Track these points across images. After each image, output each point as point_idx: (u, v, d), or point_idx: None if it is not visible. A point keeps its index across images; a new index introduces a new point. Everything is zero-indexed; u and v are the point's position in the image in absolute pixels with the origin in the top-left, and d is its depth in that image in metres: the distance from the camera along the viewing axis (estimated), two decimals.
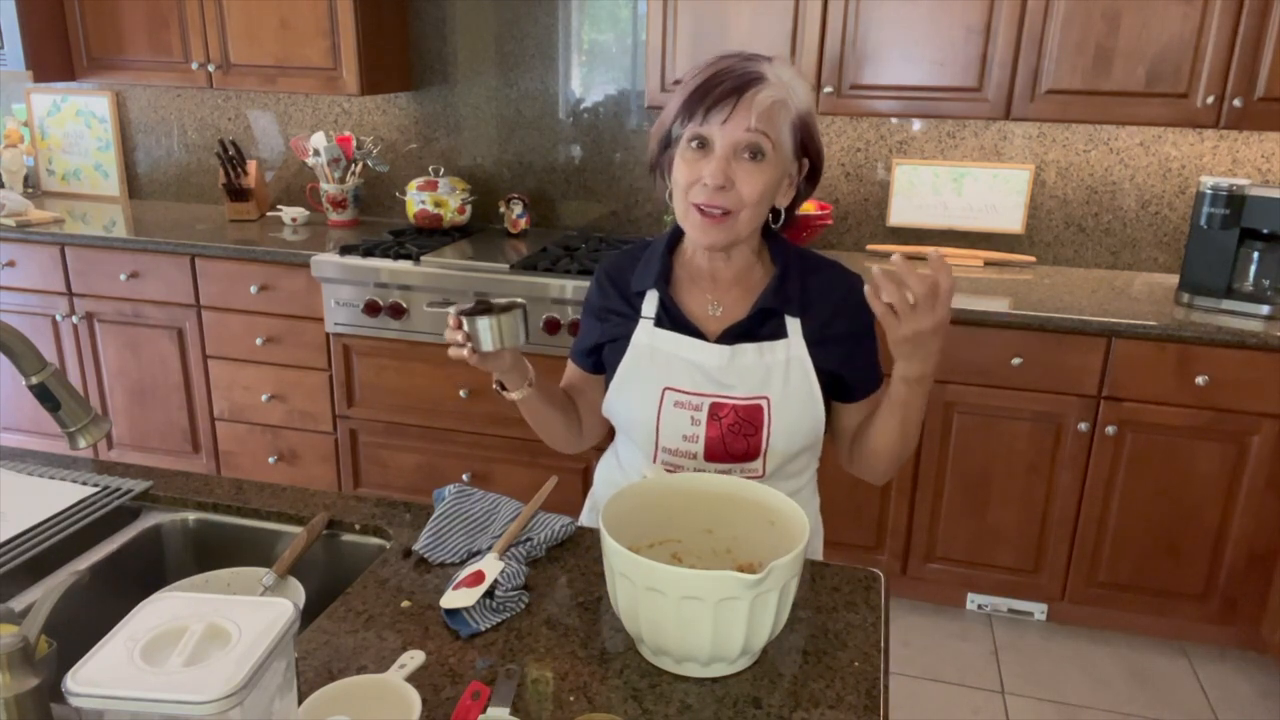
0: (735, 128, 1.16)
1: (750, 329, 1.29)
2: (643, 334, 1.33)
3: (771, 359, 1.28)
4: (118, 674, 0.72)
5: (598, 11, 3.10)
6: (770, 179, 1.20)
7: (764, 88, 1.16)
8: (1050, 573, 2.65)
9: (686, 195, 1.22)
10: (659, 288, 1.32)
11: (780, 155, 1.20)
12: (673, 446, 1.32)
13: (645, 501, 1.16)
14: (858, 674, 1.05)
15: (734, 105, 1.16)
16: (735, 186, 1.18)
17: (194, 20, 3.07)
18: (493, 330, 1.22)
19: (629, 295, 1.35)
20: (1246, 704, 2.46)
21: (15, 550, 1.24)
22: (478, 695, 0.98)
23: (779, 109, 1.18)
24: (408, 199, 3.16)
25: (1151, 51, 2.44)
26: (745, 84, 1.16)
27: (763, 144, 1.17)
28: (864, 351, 1.32)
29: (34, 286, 3.19)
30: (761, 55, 1.21)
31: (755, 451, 1.29)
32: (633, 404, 1.33)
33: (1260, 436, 2.39)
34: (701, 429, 1.29)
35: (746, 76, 1.17)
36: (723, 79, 1.17)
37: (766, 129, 1.17)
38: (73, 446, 1.08)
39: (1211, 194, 2.49)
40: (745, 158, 1.18)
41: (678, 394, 1.29)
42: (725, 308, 1.31)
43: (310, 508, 1.39)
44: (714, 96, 1.16)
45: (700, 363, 1.29)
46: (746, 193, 1.19)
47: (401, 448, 2.98)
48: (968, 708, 2.43)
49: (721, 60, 1.20)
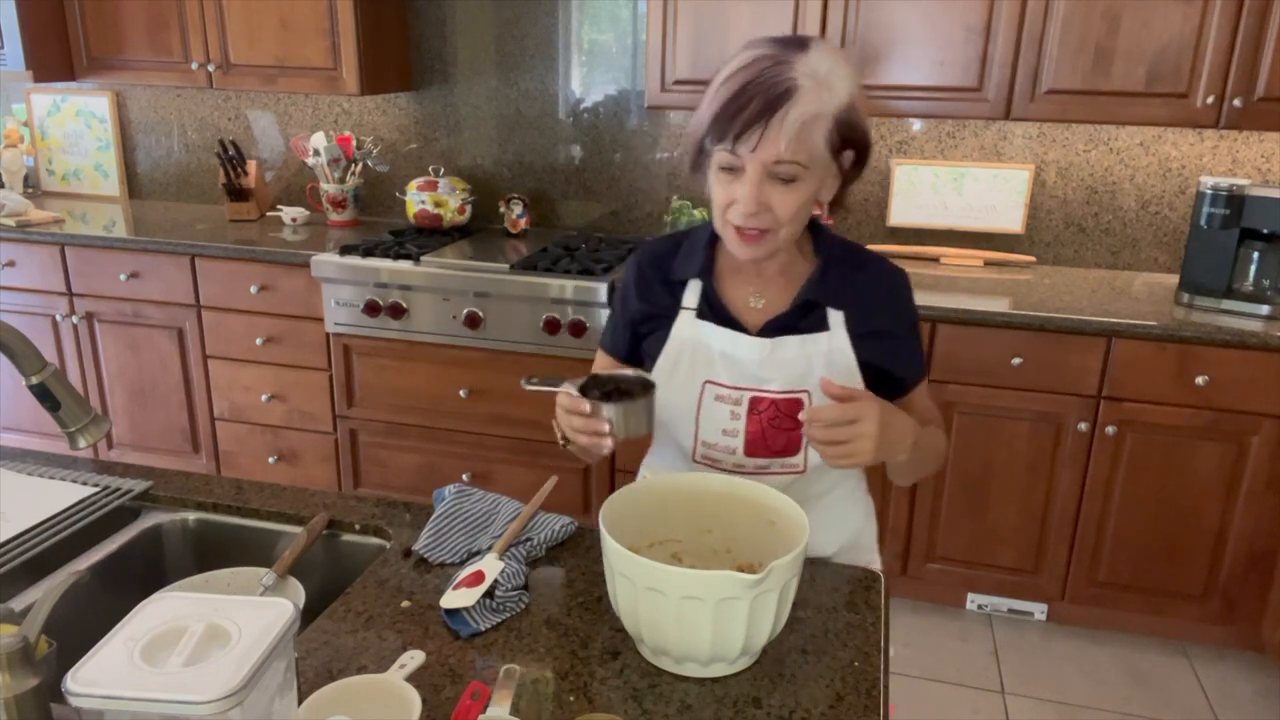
0: (765, 154, 1.12)
1: (792, 321, 1.27)
2: (684, 326, 1.31)
3: (813, 350, 1.27)
4: (118, 674, 0.72)
5: (598, 11, 3.10)
6: (805, 196, 1.17)
7: (794, 104, 1.10)
8: (1050, 573, 2.65)
9: (723, 214, 1.19)
10: (702, 278, 1.30)
11: (816, 169, 1.16)
12: (712, 441, 1.30)
13: (645, 501, 1.16)
14: (858, 674, 1.05)
15: (762, 131, 1.10)
16: (770, 208, 1.16)
17: (194, 20, 3.07)
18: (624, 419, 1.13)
19: (670, 284, 1.34)
20: (1246, 704, 2.46)
21: (15, 550, 1.24)
22: (478, 695, 0.98)
23: (811, 125, 1.12)
24: (408, 199, 3.16)
25: (1151, 51, 2.44)
26: (774, 102, 1.09)
27: (794, 170, 1.13)
28: (909, 345, 1.32)
29: (34, 286, 3.19)
30: (795, 44, 1.14)
31: (795, 446, 1.28)
32: (673, 397, 1.31)
33: (1260, 436, 2.39)
34: (741, 423, 1.28)
35: (775, 90, 1.10)
36: (751, 94, 1.10)
37: (796, 155, 1.12)
38: (73, 446, 1.08)
39: (1211, 194, 2.49)
40: (778, 181, 1.14)
41: (718, 387, 1.28)
42: (767, 300, 1.30)
43: (310, 508, 1.39)
44: (741, 121, 1.10)
45: (740, 356, 1.27)
46: (781, 213, 1.16)
47: (401, 448, 2.98)
48: (968, 708, 2.43)
49: (751, 63, 1.13)
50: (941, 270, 2.86)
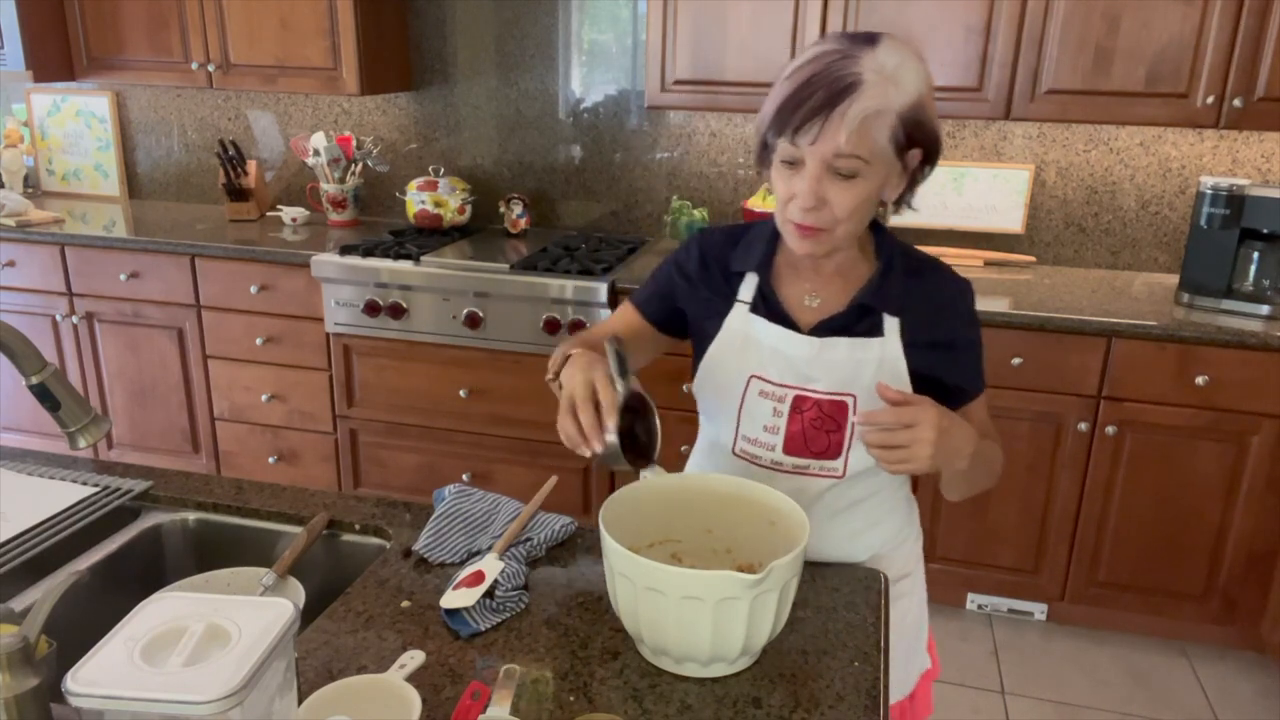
0: (824, 148, 1.10)
1: (846, 324, 1.25)
2: (736, 319, 1.30)
3: (863, 356, 1.24)
4: (118, 674, 0.72)
5: (598, 11, 3.10)
6: (866, 192, 1.14)
7: (857, 98, 1.07)
8: (1050, 573, 2.65)
9: (783, 209, 1.18)
10: (759, 272, 1.29)
11: (878, 165, 1.13)
12: (753, 436, 1.29)
13: (645, 501, 1.16)
14: (858, 674, 1.05)
15: (822, 124, 1.08)
16: (828, 205, 1.14)
17: (194, 20, 3.07)
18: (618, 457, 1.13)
19: (728, 274, 1.31)
20: (1246, 704, 2.46)
21: (15, 550, 1.24)
22: (478, 695, 0.98)
23: (873, 121, 1.09)
24: (408, 199, 3.16)
25: (1151, 51, 2.44)
26: (836, 96, 1.07)
27: (854, 165, 1.11)
28: (967, 357, 1.28)
29: (34, 286, 3.19)
30: (865, 40, 1.11)
31: (836, 450, 1.26)
32: (718, 389, 1.31)
33: (1260, 436, 2.39)
34: (783, 421, 1.26)
35: (839, 84, 1.07)
36: (814, 88, 1.08)
37: (857, 149, 1.09)
38: (73, 446, 1.08)
39: (1211, 194, 2.49)
40: (838, 176, 1.12)
41: (763, 383, 1.27)
42: (823, 299, 1.27)
43: (310, 508, 1.39)
44: (802, 115, 1.09)
45: (788, 353, 1.26)
46: (840, 210, 1.14)
47: (401, 448, 2.98)
48: (968, 708, 2.43)
49: (817, 58, 1.11)
50: None
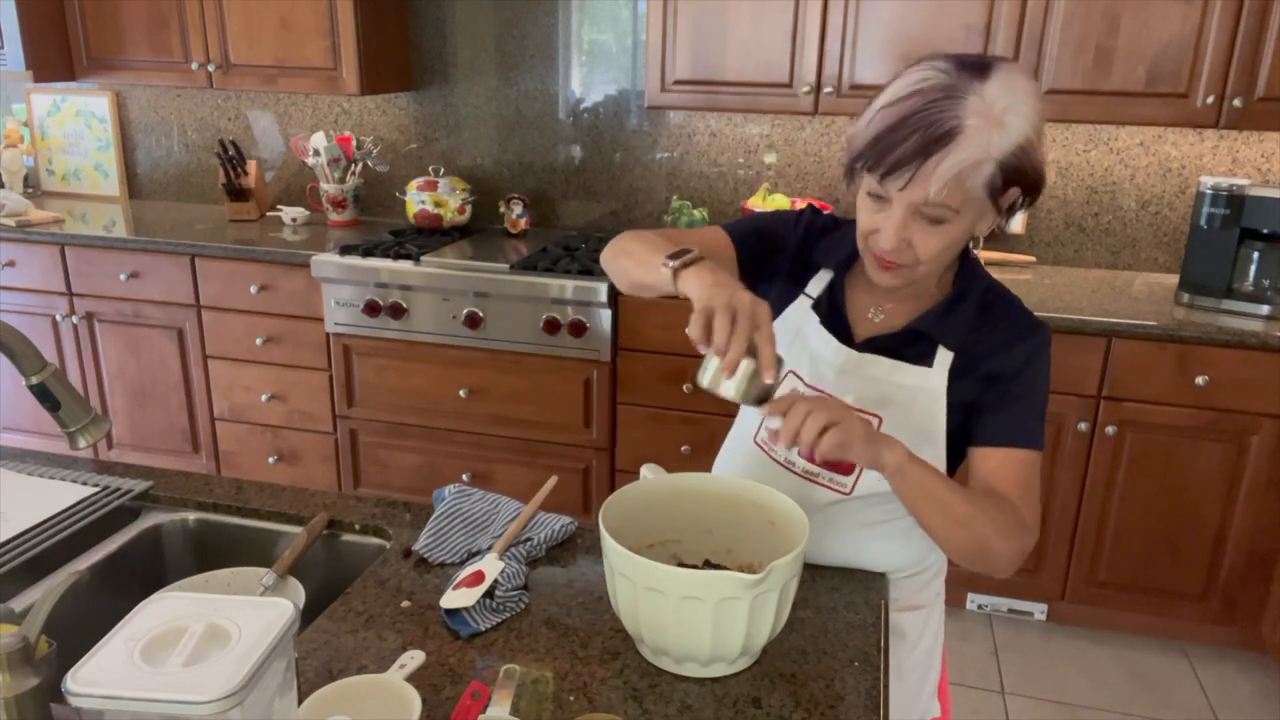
0: (914, 194, 1.06)
1: (896, 345, 1.22)
2: (796, 311, 1.28)
3: (902, 381, 1.20)
4: (118, 674, 0.72)
5: (598, 11, 3.10)
6: (952, 237, 1.10)
7: (954, 149, 1.01)
8: (1050, 573, 2.65)
9: (865, 240, 1.15)
10: (837, 272, 1.27)
11: (968, 212, 1.09)
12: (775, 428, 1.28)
13: (645, 501, 1.16)
14: (858, 674, 1.05)
15: (914, 173, 1.04)
16: (911, 247, 1.10)
17: (194, 20, 3.07)
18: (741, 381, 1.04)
19: (810, 260, 1.29)
20: (1246, 704, 2.46)
21: (15, 550, 1.24)
22: (478, 695, 0.98)
23: (969, 172, 1.03)
24: (408, 199, 3.16)
25: (1151, 51, 2.44)
26: (932, 145, 1.02)
27: (943, 213, 1.07)
28: (1013, 395, 1.18)
29: (34, 286, 3.19)
30: (975, 70, 1.05)
31: (850, 467, 1.23)
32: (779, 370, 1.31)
33: (1260, 436, 2.39)
34: None
35: (937, 130, 1.02)
36: (910, 130, 1.03)
37: (947, 199, 1.05)
38: (73, 446, 1.08)
39: (1211, 194, 2.49)
40: (924, 220, 1.08)
41: (796, 379, 1.26)
42: (886, 315, 1.25)
43: (310, 508, 1.39)
44: (893, 160, 1.04)
45: (825, 359, 1.24)
46: (924, 254, 1.10)
47: (401, 448, 2.98)
48: (968, 708, 2.43)
49: (919, 91, 1.05)
50: None
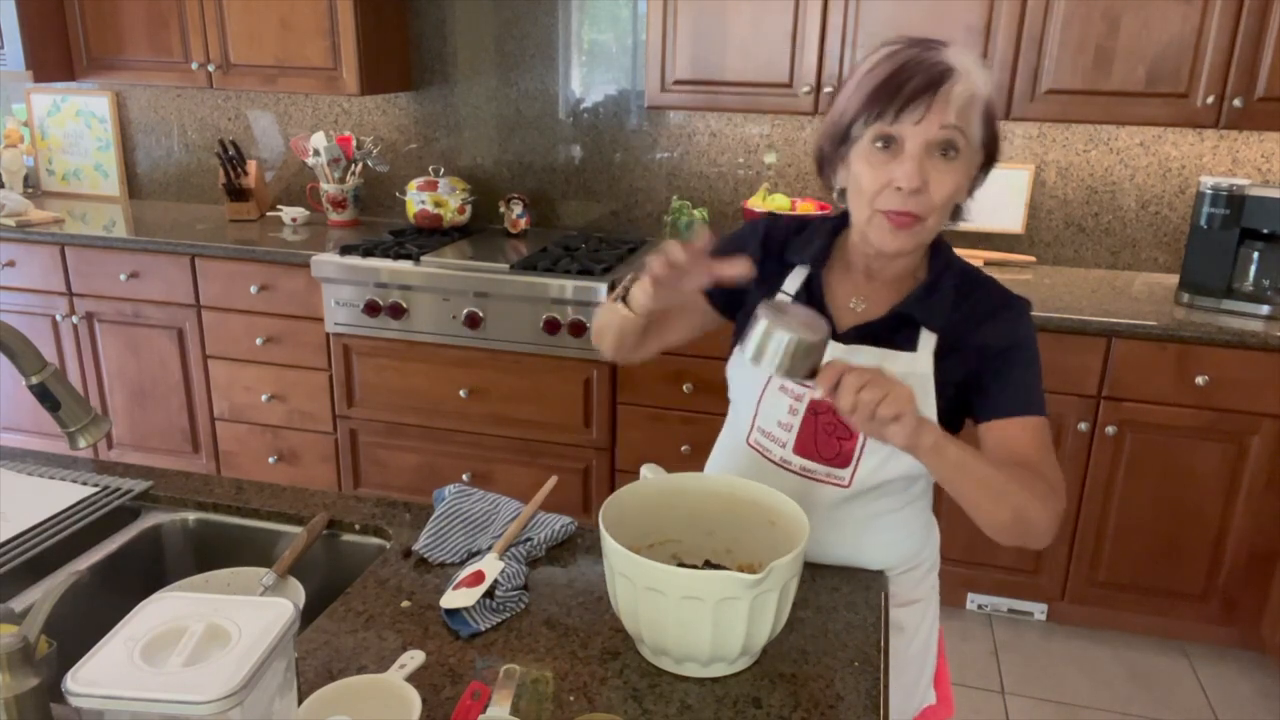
0: (930, 126, 1.10)
1: (881, 332, 1.22)
2: None
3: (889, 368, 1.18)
4: (118, 674, 0.72)
5: (598, 11, 3.10)
6: (962, 177, 1.14)
7: (957, 81, 1.09)
8: (1050, 573, 2.65)
9: (873, 201, 1.14)
10: (813, 267, 1.27)
11: (971, 150, 1.14)
12: (768, 429, 1.29)
13: (645, 501, 1.16)
14: (858, 674, 1.05)
15: (929, 103, 1.09)
16: (928, 189, 1.12)
17: (194, 20, 3.07)
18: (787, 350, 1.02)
19: (782, 263, 1.30)
20: (1246, 704, 2.46)
21: (15, 550, 1.24)
22: (478, 695, 0.98)
23: (972, 105, 1.11)
24: (408, 199, 3.16)
25: (1151, 51, 2.44)
26: (938, 79, 1.09)
27: (958, 139, 1.11)
28: (1008, 364, 1.21)
29: (34, 286, 3.19)
30: (936, 41, 1.14)
31: (846, 459, 1.24)
32: (743, 377, 1.32)
33: (1260, 436, 2.39)
34: (798, 419, 1.26)
35: (936, 69, 1.10)
36: (911, 73, 1.10)
37: (962, 124, 1.11)
38: (73, 446, 1.08)
39: (1211, 194, 2.49)
40: (938, 155, 1.11)
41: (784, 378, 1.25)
42: (868, 305, 1.26)
43: (310, 508, 1.39)
44: (906, 95, 1.09)
45: None
46: (939, 195, 1.12)
47: (401, 448, 2.98)
48: (968, 708, 2.43)
49: (899, 51, 1.13)
50: None
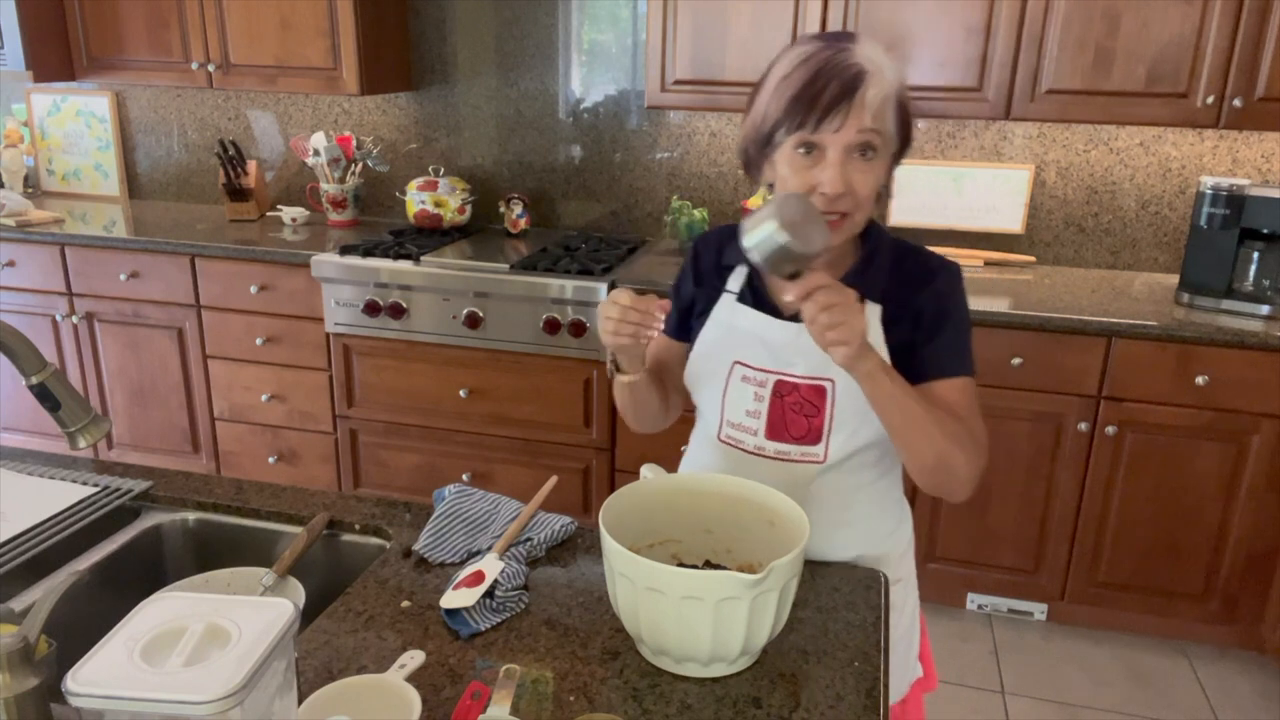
0: (848, 132, 1.14)
1: None
2: (724, 309, 1.34)
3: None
4: (118, 674, 0.72)
5: (598, 11, 3.10)
6: (882, 172, 1.20)
7: (870, 83, 1.12)
8: (1050, 573, 2.65)
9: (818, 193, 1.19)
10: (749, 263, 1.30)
11: (887, 144, 1.18)
12: (736, 421, 1.32)
13: (645, 501, 1.16)
14: (858, 674, 1.05)
15: (847, 110, 1.12)
16: (852, 189, 1.17)
17: (194, 20, 3.07)
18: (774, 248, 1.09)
19: (722, 268, 1.36)
20: (1246, 704, 2.46)
21: (15, 550, 1.24)
22: (478, 695, 0.98)
23: (888, 101, 1.15)
24: (408, 199, 3.16)
25: (1151, 51, 2.44)
26: (851, 83, 1.12)
27: (875, 141, 1.15)
28: (942, 327, 1.28)
29: (34, 286, 3.19)
30: (844, 38, 1.16)
31: (816, 435, 1.28)
32: (704, 375, 1.34)
33: (1260, 436, 2.39)
34: (764, 405, 1.29)
35: (849, 73, 1.12)
36: (826, 79, 1.13)
37: (878, 125, 1.15)
38: (73, 446, 1.08)
39: (1211, 194, 2.49)
40: (858, 157, 1.16)
41: (745, 368, 1.30)
42: None
43: (310, 508, 1.39)
44: (824, 104, 1.12)
45: (768, 339, 1.29)
46: (863, 193, 1.18)
47: (401, 448, 2.98)
48: (968, 708, 2.43)
49: (813, 55, 1.15)
50: None
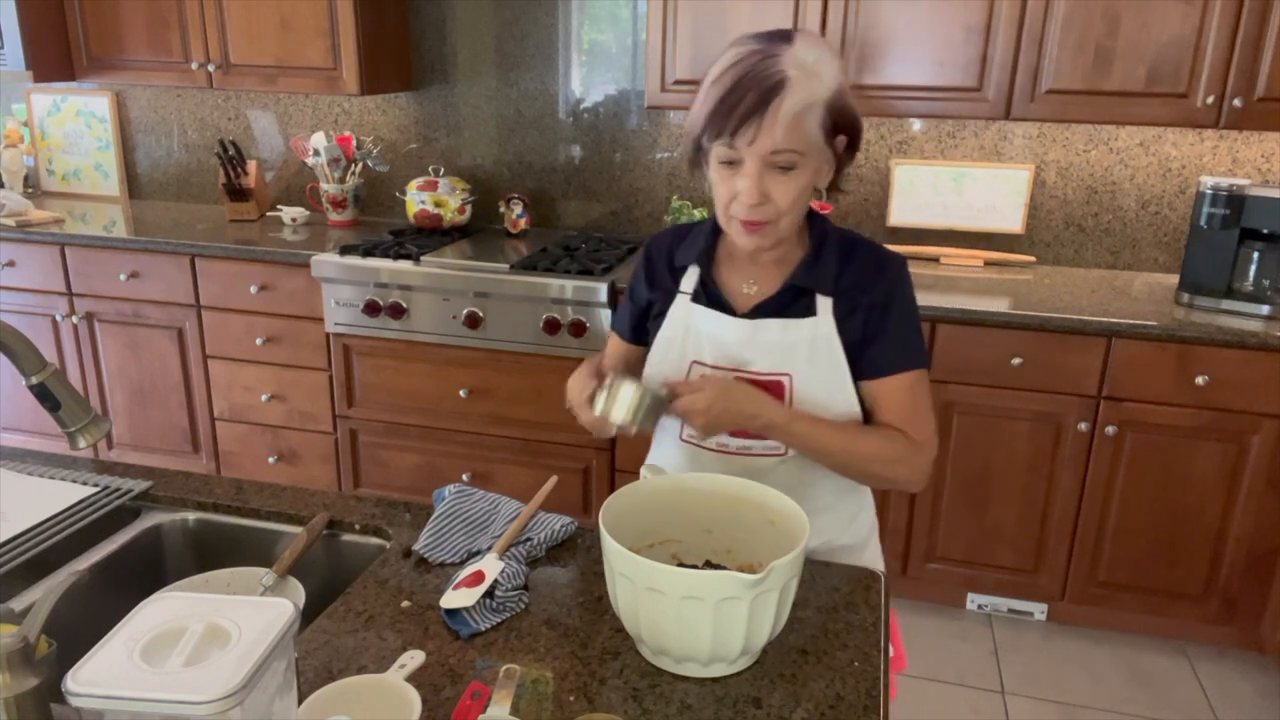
0: (762, 146, 1.14)
1: (779, 306, 1.30)
2: (679, 309, 1.36)
3: (796, 336, 1.28)
4: (118, 674, 0.72)
5: (598, 11, 3.10)
6: (804, 183, 1.19)
7: (787, 94, 1.12)
8: (1050, 573, 2.65)
9: (726, 209, 1.22)
10: (700, 264, 1.34)
11: (812, 156, 1.18)
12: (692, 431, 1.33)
13: (645, 501, 1.16)
14: (858, 674, 1.05)
15: (759, 124, 1.13)
16: (771, 199, 1.18)
17: (194, 20, 3.07)
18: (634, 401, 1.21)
19: (675, 270, 1.38)
20: (1246, 704, 2.46)
21: (15, 550, 1.24)
22: (478, 695, 0.98)
23: (804, 114, 1.14)
24: (408, 199, 3.16)
25: (1151, 51, 2.44)
26: (768, 94, 1.12)
27: (792, 159, 1.16)
28: (892, 322, 1.29)
29: (34, 286, 3.19)
30: (780, 38, 1.17)
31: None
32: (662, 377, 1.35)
33: (1260, 436, 2.39)
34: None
35: (768, 82, 1.12)
36: (745, 88, 1.13)
37: (793, 144, 1.15)
38: (73, 446, 1.08)
39: (1211, 194, 2.49)
40: (776, 171, 1.17)
41: (703, 367, 1.32)
42: (760, 285, 1.32)
43: (310, 508, 1.39)
44: (738, 116, 1.14)
45: (724, 338, 1.31)
46: (783, 203, 1.19)
47: (401, 448, 2.98)
48: (968, 708, 2.43)
49: (741, 60, 1.16)
50: (941, 270, 2.86)
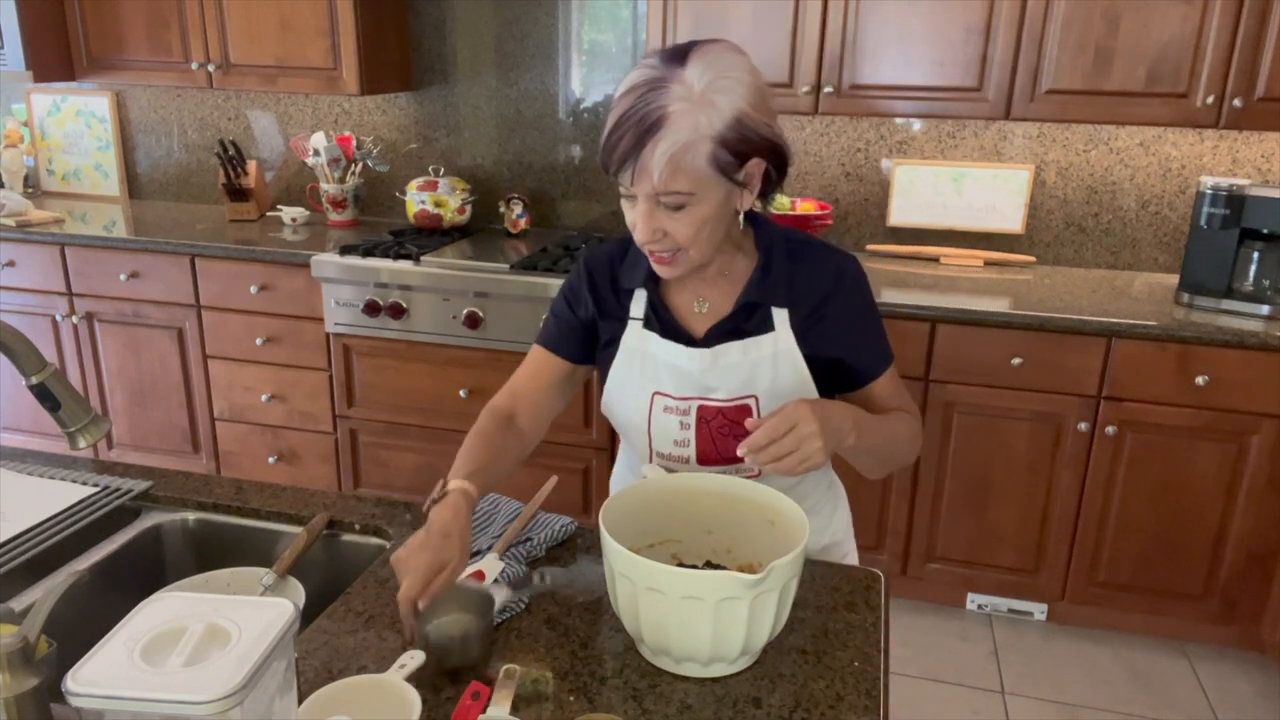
0: (643, 188, 1.10)
1: (736, 325, 1.25)
2: (632, 336, 1.30)
3: (757, 355, 1.24)
4: (118, 674, 0.72)
5: (598, 11, 3.10)
6: (701, 216, 1.13)
7: (664, 135, 1.05)
8: (1050, 573, 2.65)
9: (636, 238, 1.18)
10: (647, 287, 1.28)
11: (705, 191, 1.11)
12: (665, 451, 1.30)
13: (645, 501, 1.16)
14: (858, 674, 1.05)
15: (634, 168, 1.08)
16: (666, 234, 1.14)
17: (194, 20, 3.07)
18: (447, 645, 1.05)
19: (619, 292, 1.31)
20: (1246, 704, 2.46)
21: (15, 550, 1.24)
22: (478, 695, 0.98)
23: (685, 154, 1.07)
24: (408, 199, 3.16)
25: (1151, 51, 2.44)
26: (643, 136, 1.06)
27: (676, 199, 1.10)
28: (864, 330, 1.27)
29: (34, 286, 3.19)
30: (677, 58, 1.09)
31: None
32: (626, 409, 1.32)
33: (1260, 436, 2.39)
34: (691, 433, 1.27)
35: (645, 123, 1.06)
36: (624, 129, 1.07)
37: (676, 185, 1.08)
38: (73, 446, 1.08)
39: (1211, 194, 2.49)
40: (666, 209, 1.12)
41: (666, 398, 1.27)
42: (711, 303, 1.27)
43: (310, 508, 1.39)
44: (616, 159, 1.09)
45: (684, 367, 1.26)
46: (681, 238, 1.14)
47: (401, 448, 2.98)
48: (968, 708, 2.43)
49: (631, 89, 1.09)
50: (941, 270, 2.86)
